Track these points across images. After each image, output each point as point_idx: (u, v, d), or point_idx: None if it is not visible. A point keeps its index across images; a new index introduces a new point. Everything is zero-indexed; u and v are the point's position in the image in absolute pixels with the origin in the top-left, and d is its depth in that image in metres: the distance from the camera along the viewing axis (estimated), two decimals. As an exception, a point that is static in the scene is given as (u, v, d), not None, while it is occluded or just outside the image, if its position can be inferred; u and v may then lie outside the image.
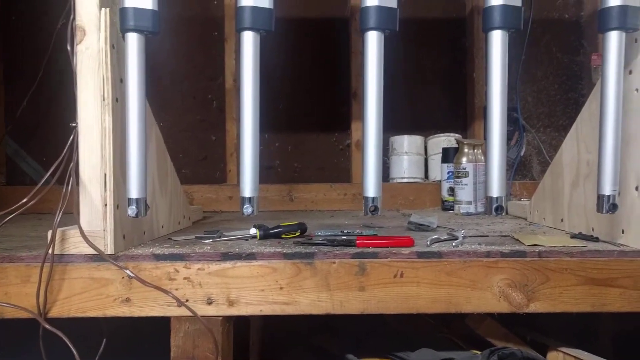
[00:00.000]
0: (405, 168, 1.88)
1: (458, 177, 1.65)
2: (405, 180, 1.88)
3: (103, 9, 0.87)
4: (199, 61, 1.96)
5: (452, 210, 1.69)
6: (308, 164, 2.01)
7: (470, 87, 1.95)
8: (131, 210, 0.87)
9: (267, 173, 1.97)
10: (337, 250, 0.91)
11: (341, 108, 1.98)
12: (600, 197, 0.89)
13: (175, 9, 1.92)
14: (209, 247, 0.95)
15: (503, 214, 0.93)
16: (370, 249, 0.92)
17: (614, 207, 0.89)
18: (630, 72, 0.91)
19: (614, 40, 0.84)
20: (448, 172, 1.73)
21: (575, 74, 1.97)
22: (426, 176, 1.93)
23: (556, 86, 1.97)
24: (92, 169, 0.87)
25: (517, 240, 1.02)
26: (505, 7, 0.81)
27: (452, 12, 1.98)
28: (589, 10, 1.93)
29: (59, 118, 1.08)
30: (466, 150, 1.65)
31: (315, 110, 2.00)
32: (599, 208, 0.89)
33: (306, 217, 1.62)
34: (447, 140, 1.87)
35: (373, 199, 0.91)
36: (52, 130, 1.86)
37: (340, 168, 2.00)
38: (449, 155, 1.74)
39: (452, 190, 1.70)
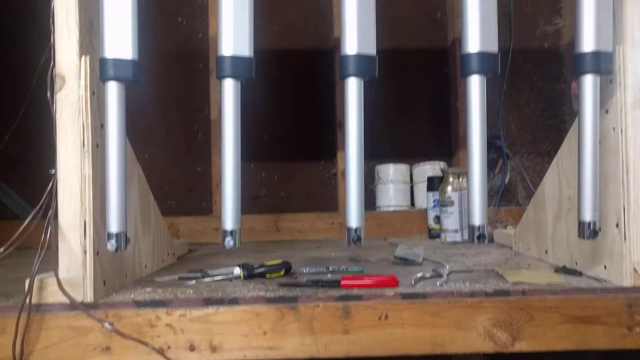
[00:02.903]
0: (391, 196, 1.89)
1: (444, 205, 1.66)
2: (391, 208, 1.89)
3: (83, 56, 0.86)
4: (185, 92, 1.97)
5: (439, 238, 1.69)
6: (294, 193, 2.01)
7: (454, 115, 1.97)
8: (111, 245, 0.86)
9: (253, 203, 1.97)
10: (321, 294, 0.90)
11: (327, 136, 1.99)
12: (581, 224, 0.90)
13: (162, 41, 1.94)
14: (191, 291, 0.94)
15: (486, 242, 0.94)
16: (355, 291, 0.91)
17: (594, 234, 0.90)
18: (607, 112, 0.93)
19: (589, 83, 0.86)
20: (434, 201, 1.74)
21: (556, 101, 2.01)
22: (412, 204, 1.94)
23: (538, 113, 2.01)
24: (72, 216, 0.86)
25: (502, 276, 1.02)
26: (482, 55, 0.82)
27: (434, 43, 2.01)
28: (567, 39, 1.98)
29: (42, 152, 1.08)
30: (451, 179, 1.66)
31: (301, 139, 2.01)
32: (580, 234, 0.91)
33: (292, 249, 1.61)
34: (432, 168, 1.88)
35: (356, 229, 0.92)
36: (35, 164, 1.83)
37: (327, 197, 2.00)
38: (434, 183, 1.75)
39: (438, 219, 1.71)
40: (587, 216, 0.90)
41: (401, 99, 2.01)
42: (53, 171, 0.87)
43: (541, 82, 2.00)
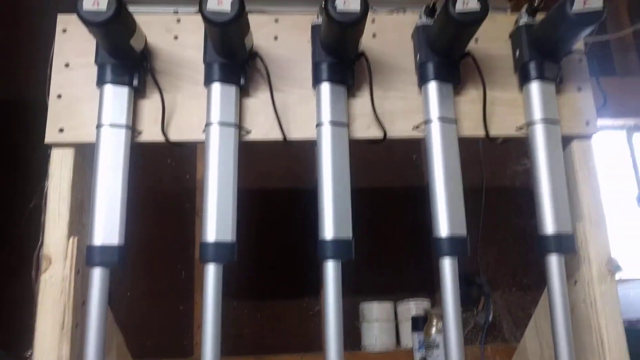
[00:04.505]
0: (377, 335, 1.86)
1: (429, 348, 1.64)
2: (377, 348, 1.84)
3: (71, 237, 0.90)
4: (170, 231, 2.00)
5: (426, 384, 1.64)
6: (278, 331, 1.96)
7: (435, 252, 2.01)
8: None
9: (235, 342, 1.91)
10: None
11: (310, 273, 1.99)
12: None
13: (151, 180, 2.01)
14: None
15: None
16: None
17: None
18: (575, 283, 0.97)
19: (554, 262, 0.91)
20: (419, 342, 1.71)
21: (531, 235, 2.06)
22: (398, 342, 1.90)
23: (516, 248, 2.06)
24: (43, 404, 0.84)
25: None
26: (451, 240, 0.88)
27: (412, 182, 2.12)
28: (536, 178, 2.10)
29: (20, 294, 1.08)
30: (435, 321, 1.65)
31: (284, 275, 2.01)
32: None
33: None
34: (416, 306, 1.87)
35: None
36: (11, 307, 1.80)
37: (311, 334, 1.96)
38: (418, 323, 1.73)
39: (424, 362, 1.67)
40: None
41: (383, 235, 2.06)
42: (28, 354, 0.86)
43: (516, 218, 2.08)
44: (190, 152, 2.04)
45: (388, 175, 2.12)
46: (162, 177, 2.05)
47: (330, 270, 0.87)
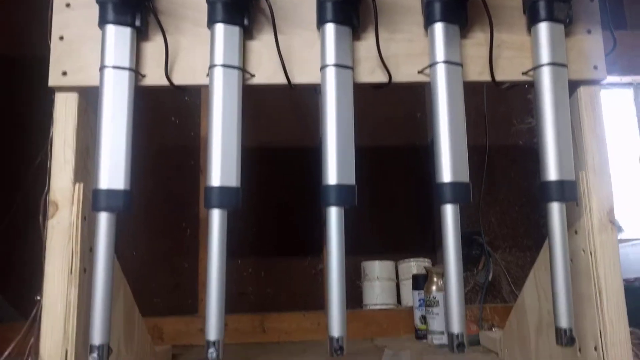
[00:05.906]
0: (378, 294, 1.89)
1: (429, 305, 1.66)
2: (378, 307, 1.88)
3: (77, 183, 0.90)
4: (175, 188, 2.01)
5: (426, 339, 1.67)
6: (281, 290, 2.00)
7: (436, 211, 2.02)
8: (92, 359, 0.85)
9: (239, 300, 1.95)
10: None
11: (313, 232, 2.01)
12: (558, 330, 0.91)
13: (155, 138, 2.00)
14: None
15: (466, 350, 0.93)
16: None
17: (572, 341, 0.90)
18: (576, 232, 0.98)
19: (555, 210, 0.91)
20: (419, 300, 1.74)
21: (534, 196, 2.08)
22: (399, 301, 1.94)
23: (517, 208, 2.07)
24: (53, 345, 0.86)
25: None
26: (454, 185, 0.88)
27: (415, 140, 2.11)
28: (540, 139, 2.08)
29: (28, 254, 1.08)
30: (435, 279, 1.67)
31: (288, 234, 2.04)
32: (558, 340, 0.91)
33: (278, 353, 1.58)
34: (417, 265, 1.90)
35: (338, 339, 0.89)
36: (20, 266, 1.83)
37: (314, 293, 1.99)
38: (419, 282, 1.76)
39: (424, 319, 1.70)
40: (563, 323, 0.91)
41: (385, 195, 2.07)
42: (38, 298, 0.88)
43: (518, 178, 2.09)
44: (195, 109, 2.02)
45: (392, 135, 2.11)
46: (166, 135, 2.05)
47: (334, 216, 0.88)
